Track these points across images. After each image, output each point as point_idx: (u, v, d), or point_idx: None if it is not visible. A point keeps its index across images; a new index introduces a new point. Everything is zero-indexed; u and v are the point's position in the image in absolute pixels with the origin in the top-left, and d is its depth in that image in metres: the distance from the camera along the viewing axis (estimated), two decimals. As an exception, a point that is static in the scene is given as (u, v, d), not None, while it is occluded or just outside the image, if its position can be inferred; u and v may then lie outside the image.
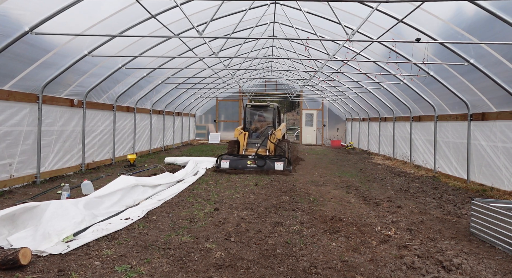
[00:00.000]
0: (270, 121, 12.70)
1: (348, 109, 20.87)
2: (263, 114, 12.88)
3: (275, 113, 12.64)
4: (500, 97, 7.65)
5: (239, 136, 11.52)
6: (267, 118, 12.84)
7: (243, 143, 11.36)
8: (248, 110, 12.80)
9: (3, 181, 7.04)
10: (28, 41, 6.50)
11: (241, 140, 11.46)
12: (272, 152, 11.04)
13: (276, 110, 12.65)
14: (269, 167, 9.98)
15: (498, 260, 4.24)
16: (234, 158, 10.38)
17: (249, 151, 11.07)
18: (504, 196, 7.34)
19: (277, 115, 12.71)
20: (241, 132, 11.58)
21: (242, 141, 11.42)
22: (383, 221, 5.71)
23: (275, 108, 12.60)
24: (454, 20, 6.90)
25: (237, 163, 10.17)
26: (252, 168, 9.99)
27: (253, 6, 9.01)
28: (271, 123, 12.57)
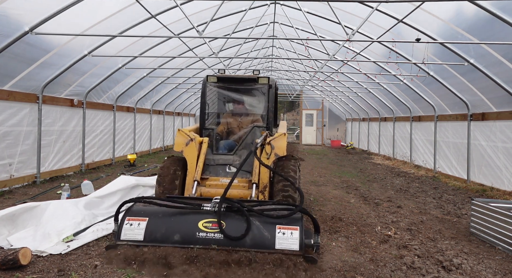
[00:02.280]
0: (259, 115, 5.85)
1: (348, 109, 20.88)
2: (243, 99, 5.99)
3: (271, 98, 5.69)
4: (500, 97, 7.65)
5: (187, 147, 5.07)
6: (254, 107, 5.99)
7: (194, 165, 5.01)
8: (211, 91, 5.85)
9: (3, 181, 7.04)
10: (28, 41, 6.50)
11: (190, 156, 5.07)
12: (264, 189, 4.86)
13: (272, 90, 5.69)
14: (257, 242, 3.70)
15: (498, 260, 4.24)
16: (163, 213, 3.97)
17: (210, 186, 4.93)
18: (504, 196, 7.34)
19: (273, 102, 5.74)
20: (190, 138, 5.09)
21: (192, 161, 5.05)
22: (383, 221, 5.71)
23: (271, 86, 5.68)
24: (454, 20, 6.90)
25: (169, 229, 3.83)
26: (211, 242, 3.69)
27: (253, 6, 9.01)
28: (262, 119, 5.77)
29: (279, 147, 4.88)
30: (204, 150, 5.14)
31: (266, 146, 4.88)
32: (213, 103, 5.92)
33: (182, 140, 5.07)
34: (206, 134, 5.56)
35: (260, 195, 4.76)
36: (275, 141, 4.93)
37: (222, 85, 5.73)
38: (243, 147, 5.36)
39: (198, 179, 4.82)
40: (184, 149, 5.03)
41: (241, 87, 5.77)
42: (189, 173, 4.96)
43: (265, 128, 5.53)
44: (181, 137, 5.09)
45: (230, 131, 5.84)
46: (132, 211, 3.91)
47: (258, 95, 5.87)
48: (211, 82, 5.69)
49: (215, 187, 4.85)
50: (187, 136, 5.06)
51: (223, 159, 5.24)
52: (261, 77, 5.60)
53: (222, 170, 5.14)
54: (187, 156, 5.01)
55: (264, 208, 3.87)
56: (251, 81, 5.64)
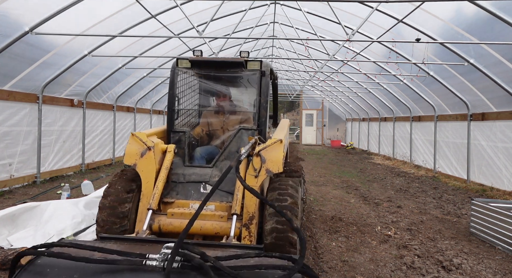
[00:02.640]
0: (249, 113, 4.36)
1: (348, 109, 20.88)
2: (227, 91, 4.50)
3: (264, 89, 4.08)
4: (500, 97, 7.65)
5: (142, 160, 3.53)
6: (241, 102, 4.76)
7: (151, 186, 3.50)
8: (184, 80, 4.32)
9: (3, 181, 7.04)
10: (28, 41, 6.50)
11: (146, 173, 3.53)
12: (250, 222, 3.25)
13: (266, 79, 4.09)
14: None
15: (498, 260, 4.24)
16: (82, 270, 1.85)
17: (174, 215, 3.35)
18: (504, 196, 7.34)
19: (267, 95, 4.10)
20: (147, 146, 3.54)
21: (148, 179, 3.52)
22: (383, 221, 5.71)
23: (264, 74, 4.08)
24: (454, 20, 6.90)
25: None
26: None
27: (253, 6, 9.02)
28: (252, 118, 4.23)
29: (273, 160, 3.30)
30: (168, 162, 3.63)
31: (254, 158, 3.32)
32: (186, 97, 4.34)
33: (135, 148, 3.52)
34: (176, 139, 4.00)
35: (244, 231, 3.18)
36: (267, 151, 3.33)
37: (199, 72, 4.21)
38: (226, 157, 3.86)
39: (153, 206, 3.27)
40: (137, 162, 3.48)
41: (224, 74, 4.19)
42: (143, 196, 3.42)
43: (256, 131, 3.95)
44: (134, 145, 3.54)
45: (211, 134, 4.42)
46: (33, 270, 1.97)
47: (247, 85, 4.36)
48: (182, 68, 4.15)
49: (180, 217, 3.28)
50: (142, 143, 3.51)
51: (197, 174, 3.67)
52: (250, 61, 4.03)
53: (195, 190, 3.58)
54: (141, 172, 3.48)
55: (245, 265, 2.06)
56: (237, 66, 4.05)
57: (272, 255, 2.12)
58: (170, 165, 3.67)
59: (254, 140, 3.56)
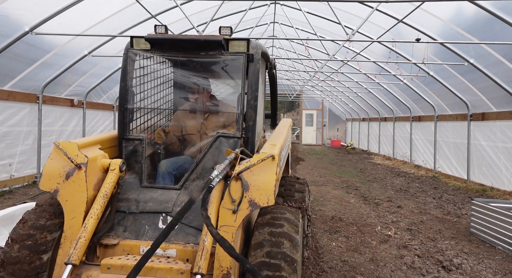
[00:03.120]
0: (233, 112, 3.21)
1: (348, 109, 20.88)
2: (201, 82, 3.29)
3: (252, 79, 2.87)
4: (500, 97, 7.65)
5: (68, 184, 2.37)
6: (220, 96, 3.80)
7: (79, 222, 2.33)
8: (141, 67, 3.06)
9: (3, 181, 7.04)
10: (28, 41, 6.50)
11: (72, 203, 2.36)
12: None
13: (255, 66, 2.88)
14: None
15: (498, 260, 4.24)
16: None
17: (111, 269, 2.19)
18: (504, 196, 7.34)
19: (256, 89, 2.88)
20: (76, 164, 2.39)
21: (76, 211, 2.35)
22: (383, 221, 5.71)
23: (252, 58, 2.86)
24: (454, 20, 6.90)
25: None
26: None
27: (253, 6, 9.02)
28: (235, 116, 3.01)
29: (260, 188, 2.28)
30: (109, 187, 2.51)
31: (233, 183, 2.30)
32: (146, 90, 3.17)
33: (58, 167, 2.45)
34: (130, 150, 2.90)
35: None
36: (252, 172, 2.32)
37: (161, 55, 3.03)
38: (199, 176, 2.80)
39: (74, 260, 2.14)
40: (59, 188, 2.40)
41: (197, 59, 3.01)
42: (64, 240, 2.32)
43: (239, 139, 2.84)
44: (57, 161, 2.47)
45: (182, 140, 3.31)
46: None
47: (230, 74, 3.32)
48: (139, 50, 3.00)
49: (120, 272, 2.19)
50: (67, 159, 2.42)
51: (157, 201, 2.61)
52: (233, 41, 2.88)
53: (152, 225, 2.52)
54: (64, 203, 2.38)
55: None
56: (214, 48, 2.86)
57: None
58: (112, 190, 2.52)
59: (234, 154, 2.48)
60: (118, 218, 2.53)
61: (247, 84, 2.87)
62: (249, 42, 2.90)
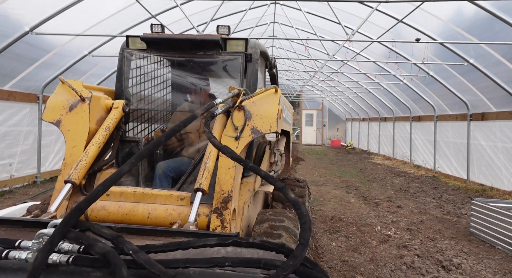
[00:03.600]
0: None
1: (348, 109, 20.88)
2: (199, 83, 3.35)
3: (251, 78, 2.86)
4: (500, 97, 7.65)
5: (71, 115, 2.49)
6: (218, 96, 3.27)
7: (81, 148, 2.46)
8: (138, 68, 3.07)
9: (3, 181, 7.04)
10: (28, 41, 6.50)
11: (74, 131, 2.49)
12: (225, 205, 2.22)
13: (254, 66, 2.88)
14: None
15: (498, 259, 4.24)
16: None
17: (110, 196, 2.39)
18: (504, 196, 7.34)
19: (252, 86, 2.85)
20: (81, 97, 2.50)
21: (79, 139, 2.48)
22: (383, 221, 5.71)
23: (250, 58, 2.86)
24: (454, 20, 6.91)
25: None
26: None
27: (253, 6, 9.02)
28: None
29: (262, 116, 2.33)
30: (112, 122, 2.60)
31: (235, 112, 2.36)
32: (143, 90, 3.16)
33: (62, 100, 2.51)
34: (126, 152, 2.87)
35: (214, 219, 2.19)
36: (254, 103, 2.38)
37: (157, 54, 3.00)
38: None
39: (74, 179, 2.21)
40: (62, 118, 2.46)
41: (195, 59, 3.02)
42: (65, 166, 2.40)
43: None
44: (62, 95, 2.53)
45: (180, 141, 3.32)
46: None
47: (228, 74, 3.35)
48: (135, 50, 2.97)
49: (120, 199, 2.36)
50: (75, 92, 2.50)
51: None
52: (231, 40, 2.85)
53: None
54: (66, 133, 2.46)
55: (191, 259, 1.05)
56: (211, 47, 2.84)
57: (251, 243, 1.16)
58: (114, 125, 2.59)
59: (237, 90, 2.46)
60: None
61: (246, 84, 2.84)
62: (247, 41, 2.88)
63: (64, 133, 2.45)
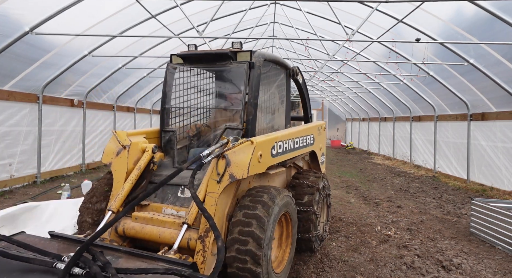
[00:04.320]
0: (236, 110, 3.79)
1: (348, 109, 20.88)
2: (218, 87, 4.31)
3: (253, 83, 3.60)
4: (500, 97, 7.65)
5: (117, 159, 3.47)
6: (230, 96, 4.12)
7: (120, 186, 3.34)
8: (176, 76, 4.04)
9: (3, 181, 7.04)
10: (28, 41, 6.50)
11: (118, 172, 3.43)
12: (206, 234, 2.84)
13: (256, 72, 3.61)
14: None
15: (498, 259, 4.24)
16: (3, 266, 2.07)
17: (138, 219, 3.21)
18: (504, 196, 7.34)
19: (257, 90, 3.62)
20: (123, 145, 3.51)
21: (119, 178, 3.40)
22: (383, 221, 5.71)
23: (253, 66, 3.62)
24: (454, 20, 6.91)
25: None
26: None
27: (253, 6, 9.02)
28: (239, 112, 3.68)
29: (238, 164, 2.91)
30: (143, 163, 3.41)
31: (219, 161, 2.99)
32: (183, 94, 4.09)
33: (113, 147, 3.50)
34: (166, 139, 3.86)
35: (198, 243, 2.79)
36: (234, 153, 2.97)
37: (190, 66, 3.99)
38: None
39: (113, 208, 3.07)
40: (112, 161, 3.42)
41: (214, 68, 3.99)
42: (111, 197, 3.34)
43: (241, 130, 3.55)
44: (112, 143, 3.54)
45: (205, 132, 4.16)
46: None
47: (238, 79, 3.84)
48: (176, 64, 3.93)
49: (143, 222, 3.11)
50: (118, 142, 3.46)
51: (180, 177, 3.33)
52: (240, 52, 3.64)
53: (173, 193, 3.34)
54: (114, 172, 3.37)
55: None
56: (225, 59, 3.69)
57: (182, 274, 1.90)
58: (144, 165, 3.43)
59: (226, 140, 3.19)
60: (151, 187, 3.38)
61: (248, 86, 3.56)
62: (252, 52, 3.62)
63: (113, 172, 3.38)
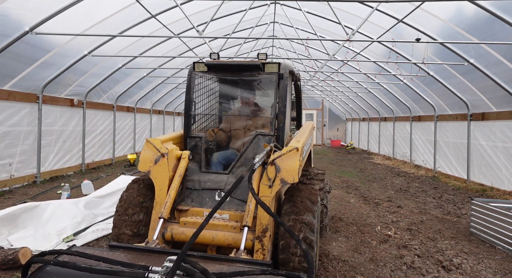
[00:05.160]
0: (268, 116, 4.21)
1: (348, 109, 20.88)
2: (245, 95, 4.47)
3: (282, 92, 3.89)
4: (500, 97, 7.65)
5: (156, 167, 3.49)
6: (259, 106, 4.48)
7: (164, 194, 3.42)
8: (200, 84, 4.21)
9: (3, 181, 7.04)
10: (28, 41, 6.50)
11: (159, 180, 3.47)
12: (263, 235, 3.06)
13: (285, 82, 3.90)
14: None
15: (498, 260, 4.24)
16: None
17: (186, 224, 3.29)
18: (504, 196, 7.34)
19: (285, 99, 3.91)
20: (160, 153, 3.50)
21: (162, 185, 3.46)
22: (383, 221, 5.71)
23: (282, 76, 3.90)
24: (454, 20, 6.90)
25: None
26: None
27: (253, 6, 9.02)
28: (269, 124, 4.05)
29: (288, 170, 3.13)
30: (182, 169, 3.56)
31: (269, 167, 3.16)
32: (204, 101, 4.28)
33: (149, 155, 3.51)
34: (192, 144, 3.93)
35: (256, 243, 3.02)
36: (282, 160, 3.17)
37: (215, 75, 4.15)
38: (242, 164, 3.76)
39: (165, 215, 3.21)
40: (151, 169, 3.45)
41: (242, 78, 4.13)
42: (156, 204, 3.38)
43: (272, 137, 3.77)
44: (148, 151, 3.53)
45: (229, 138, 4.39)
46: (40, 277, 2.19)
47: (266, 88, 4.28)
48: (199, 72, 4.06)
49: (193, 227, 3.22)
50: (156, 149, 3.49)
51: (213, 181, 3.59)
52: (268, 64, 3.93)
53: (210, 197, 3.52)
54: (155, 180, 3.44)
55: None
56: (254, 69, 3.96)
57: (279, 273, 2.09)
58: (184, 172, 3.57)
59: (270, 147, 3.36)
60: (186, 193, 3.56)
61: (278, 96, 3.84)
62: (280, 64, 3.89)
63: (153, 180, 3.44)
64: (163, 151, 3.47)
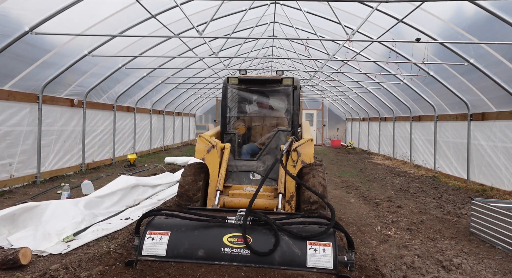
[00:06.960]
0: (283, 118, 5.58)
1: (348, 109, 20.88)
2: (266, 102, 5.70)
3: (295, 99, 5.37)
4: (500, 97, 7.65)
5: (209, 155, 4.67)
6: (277, 110, 5.77)
7: (217, 173, 4.63)
8: (232, 93, 5.53)
9: (3, 181, 7.04)
10: (28, 41, 6.50)
11: (212, 164, 4.67)
12: (291, 199, 4.43)
13: (297, 92, 5.34)
14: (287, 260, 3.29)
15: (498, 260, 4.24)
16: (185, 226, 3.58)
17: (233, 195, 4.57)
18: (504, 196, 7.34)
19: (297, 104, 5.42)
20: (211, 144, 4.69)
21: (214, 168, 4.66)
22: (383, 221, 5.71)
23: (295, 88, 5.31)
24: (454, 20, 6.90)
25: (193, 244, 3.43)
26: (237, 258, 3.33)
27: (253, 6, 9.02)
28: (286, 121, 5.52)
29: (306, 154, 4.45)
30: (226, 156, 4.76)
31: (292, 153, 4.44)
32: (234, 106, 5.63)
33: (203, 146, 4.71)
34: (228, 139, 5.26)
35: (286, 205, 4.36)
36: (302, 147, 4.48)
37: (244, 87, 5.44)
38: (267, 152, 5.07)
39: (220, 188, 4.43)
40: (205, 156, 4.67)
41: (264, 88, 5.46)
42: (211, 181, 4.59)
43: (290, 132, 5.17)
44: (202, 144, 4.73)
45: (252, 134, 5.61)
46: (154, 224, 3.56)
47: (282, 97, 5.62)
48: (231, 84, 5.36)
49: (238, 197, 4.52)
50: (208, 142, 4.69)
51: (246, 165, 4.91)
52: (285, 78, 5.25)
53: (246, 177, 4.81)
54: (208, 164, 4.64)
55: (294, 222, 3.53)
56: (274, 83, 5.31)
57: (311, 216, 3.71)
58: (228, 159, 4.78)
59: (291, 139, 4.65)
60: (228, 174, 4.78)
61: (293, 102, 5.29)
62: (294, 79, 5.24)
63: (207, 165, 4.63)
64: (213, 143, 4.67)
